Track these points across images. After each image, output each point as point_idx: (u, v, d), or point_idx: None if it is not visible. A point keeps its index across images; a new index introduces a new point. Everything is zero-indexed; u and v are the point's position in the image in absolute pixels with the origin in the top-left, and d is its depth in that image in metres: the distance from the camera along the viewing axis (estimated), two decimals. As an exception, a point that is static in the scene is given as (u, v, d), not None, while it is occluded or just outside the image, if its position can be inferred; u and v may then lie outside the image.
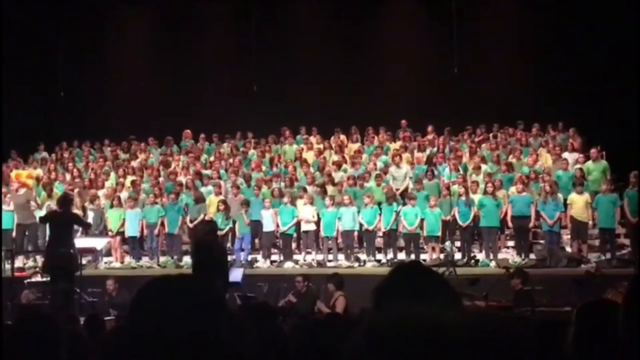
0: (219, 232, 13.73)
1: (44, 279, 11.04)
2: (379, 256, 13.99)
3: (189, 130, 19.28)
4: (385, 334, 1.13)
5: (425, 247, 14.11)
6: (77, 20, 21.37)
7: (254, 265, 13.97)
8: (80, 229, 13.63)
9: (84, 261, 12.22)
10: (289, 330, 3.63)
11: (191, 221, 14.32)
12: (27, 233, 14.81)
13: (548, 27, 19.55)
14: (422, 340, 1.10)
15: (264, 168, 16.68)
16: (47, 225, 10.87)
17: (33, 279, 11.75)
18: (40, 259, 13.85)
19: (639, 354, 1.88)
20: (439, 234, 13.80)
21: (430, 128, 18.15)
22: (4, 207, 14.47)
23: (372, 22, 21.17)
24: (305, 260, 14.10)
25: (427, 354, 1.08)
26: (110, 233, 14.45)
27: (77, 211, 14.17)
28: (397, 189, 15.06)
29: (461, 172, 15.29)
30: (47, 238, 11.15)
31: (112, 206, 14.78)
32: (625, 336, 1.95)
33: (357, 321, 2.81)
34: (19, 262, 14.19)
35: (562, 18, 19.19)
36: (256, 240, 14.67)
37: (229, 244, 14.20)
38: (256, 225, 14.29)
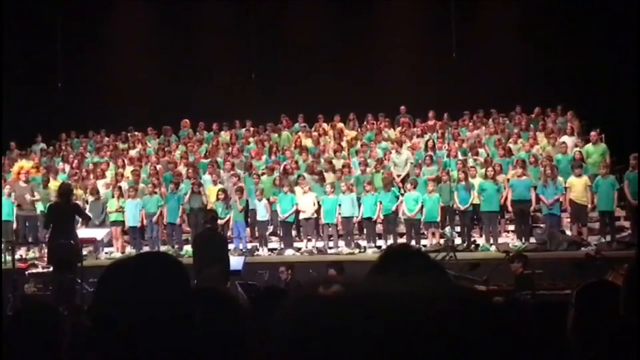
0: (219, 221, 13.72)
1: (45, 270, 11.04)
2: (380, 242, 14.00)
3: (187, 120, 19.25)
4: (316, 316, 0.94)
5: (425, 232, 14.14)
6: (76, 11, 21.28)
7: (255, 254, 14.00)
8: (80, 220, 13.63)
9: (84, 252, 12.23)
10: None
11: (191, 209, 14.32)
12: (27, 224, 14.82)
13: (547, 10, 19.48)
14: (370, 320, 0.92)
15: (263, 157, 16.68)
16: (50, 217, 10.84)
17: (34, 270, 11.76)
18: (40, 251, 13.89)
19: (639, 335, 1.88)
20: (438, 219, 13.82)
21: (431, 114, 18.14)
22: (4, 198, 14.46)
23: (370, 8, 21.10)
24: (306, 248, 14.12)
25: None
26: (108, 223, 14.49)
27: (78, 202, 14.20)
28: (399, 175, 15.07)
29: (460, 157, 15.29)
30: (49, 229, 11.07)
31: (112, 196, 14.79)
32: (625, 317, 1.95)
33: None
34: (21, 253, 14.22)
35: (561, 1, 19.13)
36: (255, 228, 14.70)
37: (229, 233, 14.22)
38: (253, 214, 14.34)
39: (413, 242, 13.50)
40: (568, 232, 13.64)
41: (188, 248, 13.51)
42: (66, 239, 10.09)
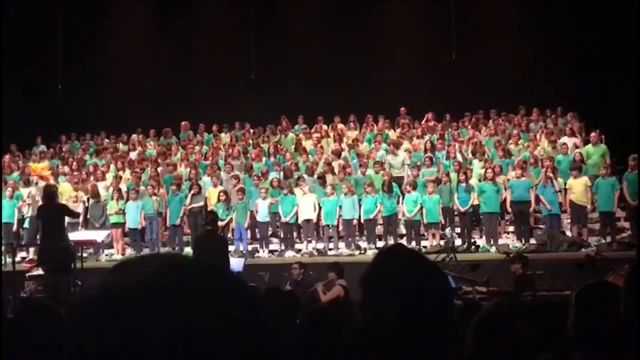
0: (219, 223, 13.70)
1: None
2: (380, 243, 13.99)
3: (187, 122, 19.25)
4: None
5: (425, 234, 14.13)
6: (75, 13, 21.30)
7: (255, 255, 13.99)
8: (80, 220, 13.63)
9: (84, 254, 12.20)
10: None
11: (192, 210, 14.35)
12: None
13: (546, 11, 19.49)
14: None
15: (264, 159, 16.67)
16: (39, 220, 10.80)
17: (34, 272, 11.73)
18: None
19: (639, 336, 1.88)
20: (439, 220, 13.82)
21: (430, 115, 18.15)
22: (5, 200, 14.45)
23: (371, 10, 21.11)
24: (306, 249, 14.11)
25: None
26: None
27: (78, 204, 14.19)
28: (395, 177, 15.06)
29: (460, 158, 15.29)
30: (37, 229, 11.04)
31: (112, 198, 14.79)
32: (626, 318, 1.95)
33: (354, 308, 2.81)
34: (22, 255, 14.20)
35: (560, 1, 19.13)
36: (256, 230, 14.69)
37: (229, 235, 14.22)
38: (253, 215, 14.35)
39: (413, 244, 13.51)
40: (568, 233, 13.64)
41: (189, 250, 13.50)
42: (56, 241, 10.03)
